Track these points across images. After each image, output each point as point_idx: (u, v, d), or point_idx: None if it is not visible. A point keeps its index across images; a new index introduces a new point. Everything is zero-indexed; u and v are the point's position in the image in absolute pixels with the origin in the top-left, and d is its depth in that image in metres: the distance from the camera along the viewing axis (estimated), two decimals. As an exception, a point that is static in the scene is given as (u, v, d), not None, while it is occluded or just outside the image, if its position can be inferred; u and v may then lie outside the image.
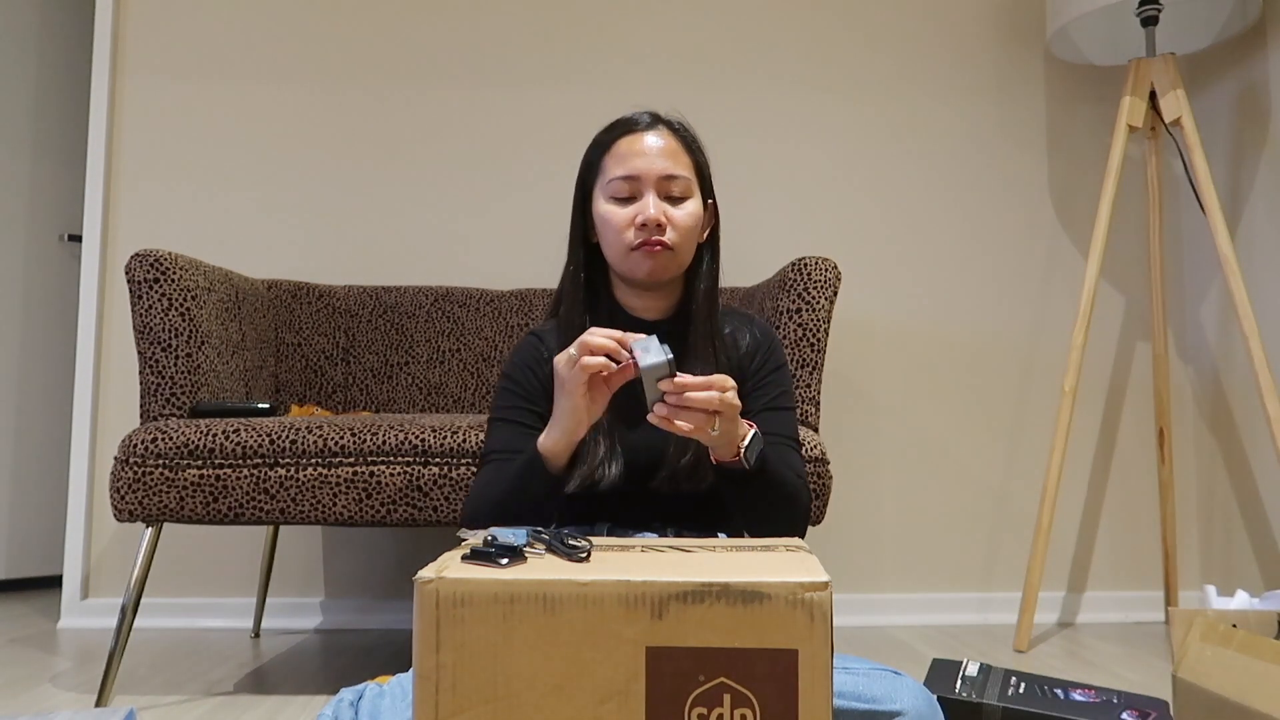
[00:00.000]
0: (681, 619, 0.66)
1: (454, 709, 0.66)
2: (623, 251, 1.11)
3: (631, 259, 1.11)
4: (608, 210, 1.12)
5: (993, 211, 2.37)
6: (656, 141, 1.12)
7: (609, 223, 1.11)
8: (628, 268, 1.12)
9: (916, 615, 2.25)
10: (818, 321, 1.63)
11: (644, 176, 1.10)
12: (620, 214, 1.11)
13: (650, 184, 1.10)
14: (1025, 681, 1.19)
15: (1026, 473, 2.32)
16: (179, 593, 2.18)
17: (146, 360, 1.62)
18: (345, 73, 2.31)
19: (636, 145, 1.11)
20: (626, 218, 1.10)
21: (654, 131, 1.13)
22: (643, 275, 1.12)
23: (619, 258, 1.12)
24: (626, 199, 1.11)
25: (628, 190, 1.10)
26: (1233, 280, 1.89)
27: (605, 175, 1.12)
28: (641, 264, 1.11)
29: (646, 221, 1.08)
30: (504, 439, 1.14)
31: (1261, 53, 2.16)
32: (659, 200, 1.10)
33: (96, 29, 2.27)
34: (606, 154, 1.13)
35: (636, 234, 1.09)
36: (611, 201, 1.12)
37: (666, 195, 1.11)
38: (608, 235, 1.12)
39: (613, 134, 1.14)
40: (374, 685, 0.94)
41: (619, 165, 1.11)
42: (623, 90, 2.34)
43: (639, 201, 1.10)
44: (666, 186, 1.11)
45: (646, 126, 1.13)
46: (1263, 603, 1.32)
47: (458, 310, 2.12)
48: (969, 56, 2.39)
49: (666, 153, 1.12)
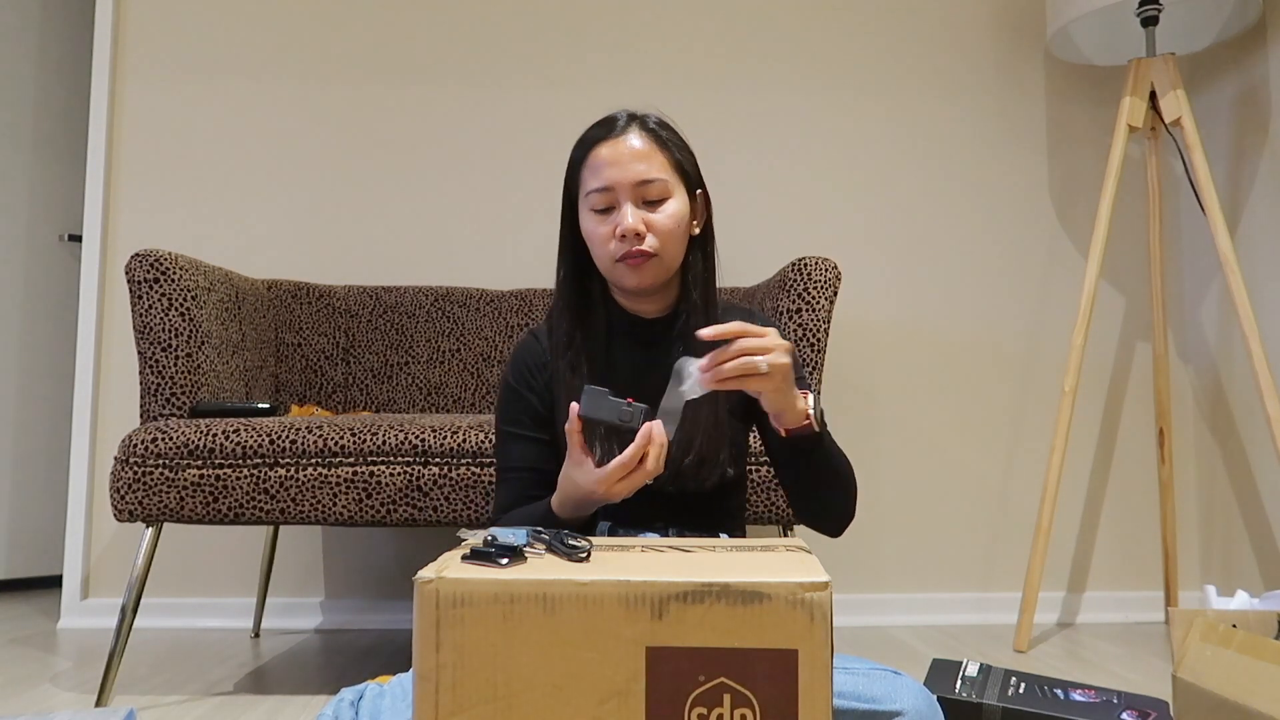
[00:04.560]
0: (681, 619, 0.66)
1: (454, 709, 0.66)
2: (608, 263, 1.11)
3: (618, 270, 1.11)
4: (589, 224, 1.11)
5: (993, 211, 2.36)
6: (628, 146, 1.10)
7: (592, 237, 1.11)
8: (615, 278, 1.13)
9: (916, 615, 2.25)
10: (818, 321, 1.63)
11: (618, 186, 1.09)
12: (601, 227, 1.10)
13: (626, 193, 1.09)
14: (1025, 681, 1.19)
15: (1026, 473, 2.32)
16: (179, 593, 2.18)
17: (146, 360, 1.62)
18: (346, 73, 2.31)
19: (609, 154, 1.10)
20: (607, 230, 1.10)
21: (626, 135, 1.11)
22: (631, 286, 1.12)
23: (606, 269, 1.13)
24: (606, 210, 1.10)
25: (605, 201, 1.10)
26: (1233, 280, 1.89)
27: (584, 187, 1.12)
28: (628, 275, 1.10)
29: (625, 233, 1.07)
30: (517, 454, 1.15)
31: (1261, 53, 2.16)
32: (636, 208, 1.09)
33: (96, 29, 2.27)
34: (583, 166, 1.12)
35: (618, 246, 1.09)
36: (592, 214, 1.11)
37: (644, 200, 1.09)
38: (594, 248, 1.12)
39: (586, 144, 1.13)
40: (374, 685, 0.94)
41: (594, 177, 1.10)
42: (623, 90, 2.34)
43: (617, 212, 1.09)
44: (642, 192, 1.09)
45: (620, 131, 1.11)
46: (1263, 603, 1.32)
47: (458, 310, 2.12)
48: (969, 57, 2.39)
49: (640, 156, 1.09)
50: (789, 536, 1.59)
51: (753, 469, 1.56)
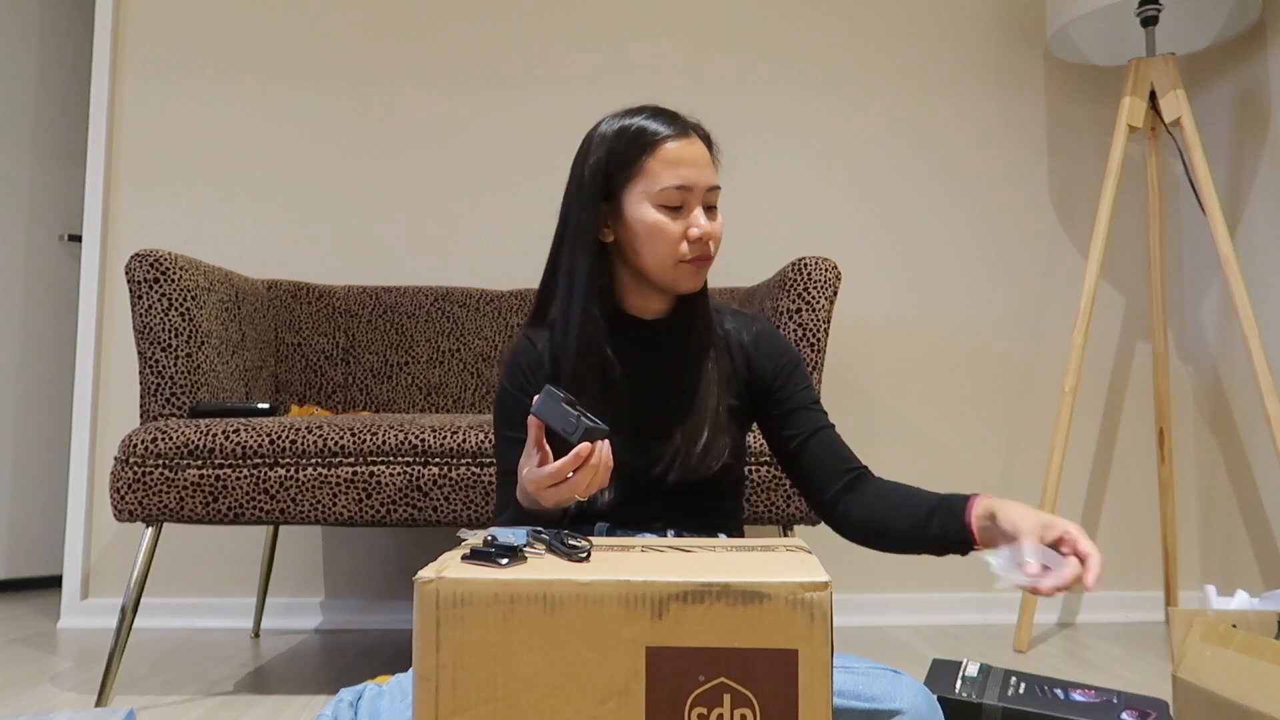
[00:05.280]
0: (681, 619, 0.66)
1: (454, 709, 0.66)
2: (669, 263, 1.08)
3: (680, 271, 1.09)
4: (657, 219, 1.07)
5: (993, 212, 2.37)
6: (700, 150, 1.09)
7: (659, 232, 1.07)
8: (671, 278, 1.09)
9: (916, 615, 2.25)
10: (818, 321, 1.63)
11: (695, 187, 1.07)
12: (672, 226, 1.07)
13: (699, 196, 1.08)
14: (1025, 681, 1.19)
15: (1026, 473, 2.32)
16: (179, 593, 2.18)
17: (146, 360, 1.62)
18: (346, 72, 2.31)
19: (687, 153, 1.07)
20: (678, 230, 1.07)
21: (694, 138, 1.09)
22: (687, 288, 1.10)
23: (661, 267, 1.09)
24: (676, 208, 1.07)
25: (679, 199, 1.07)
26: (1233, 280, 1.89)
27: (653, 179, 1.07)
28: (691, 278, 1.09)
29: (703, 236, 1.07)
30: (514, 457, 1.14)
31: (1261, 53, 2.16)
32: (703, 211, 1.08)
33: (96, 29, 2.27)
34: (650, 155, 1.07)
35: (690, 248, 1.07)
36: (660, 209, 1.07)
37: (708, 206, 1.09)
38: (653, 244, 1.08)
39: (652, 136, 1.08)
40: (373, 685, 0.94)
41: (670, 173, 1.06)
42: (623, 89, 2.34)
43: (686, 212, 1.08)
44: (709, 198, 1.09)
45: (688, 132, 1.09)
46: (1263, 603, 1.32)
47: (458, 310, 2.12)
48: (969, 56, 2.39)
49: (708, 161, 1.10)
50: (789, 536, 1.59)
51: (752, 469, 1.56)
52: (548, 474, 0.92)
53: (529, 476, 0.95)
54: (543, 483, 0.93)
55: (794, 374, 1.19)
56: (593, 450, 0.91)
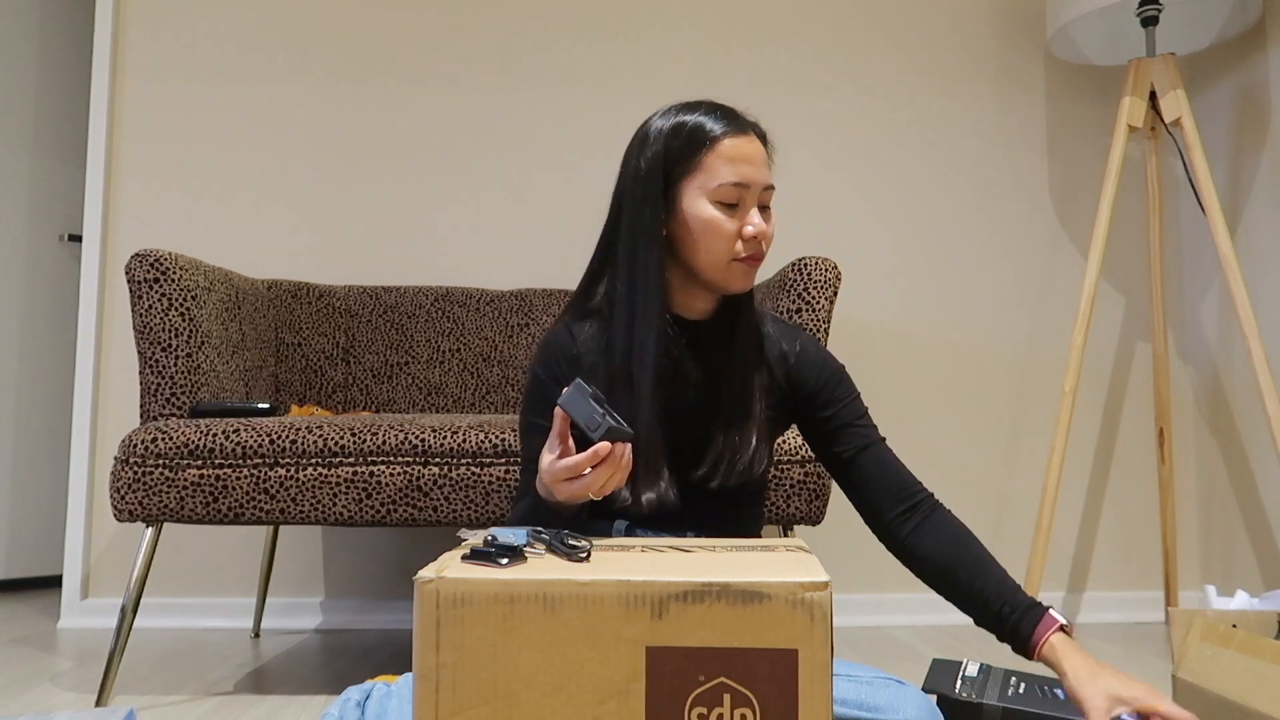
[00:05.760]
0: (681, 619, 0.66)
1: (454, 709, 0.66)
2: (723, 260, 1.07)
3: (732, 270, 1.07)
4: (714, 215, 1.05)
5: (993, 211, 2.37)
6: (759, 148, 1.08)
7: (715, 229, 1.06)
8: (722, 277, 1.08)
9: (916, 615, 2.25)
10: (818, 322, 1.63)
11: (753, 185, 1.06)
12: (729, 223, 1.06)
13: (756, 195, 1.07)
14: (1025, 681, 1.19)
15: (1026, 473, 2.32)
16: (179, 593, 2.18)
17: (146, 360, 1.62)
18: (346, 73, 2.31)
19: (747, 150, 1.06)
20: (734, 227, 1.06)
21: (751, 136, 1.08)
22: (738, 287, 1.09)
23: (715, 265, 1.07)
24: (733, 205, 1.06)
25: (736, 196, 1.05)
26: (1233, 280, 1.89)
27: (711, 175, 1.05)
28: (743, 277, 1.08)
29: (758, 235, 1.05)
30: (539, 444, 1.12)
31: (1261, 53, 2.16)
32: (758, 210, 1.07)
33: (96, 29, 2.27)
34: (709, 150, 1.05)
35: (745, 246, 1.06)
36: (717, 205, 1.05)
37: (762, 205, 1.08)
38: (708, 240, 1.06)
39: (710, 131, 1.06)
40: (381, 685, 0.93)
41: (730, 169, 1.05)
42: (624, 89, 2.34)
43: (742, 210, 1.06)
44: (765, 197, 1.08)
45: (747, 129, 1.08)
46: (1263, 603, 1.31)
47: (458, 310, 2.12)
48: (969, 56, 2.39)
49: (765, 161, 1.09)
50: (789, 536, 1.59)
51: (753, 469, 1.55)
52: (564, 467, 0.92)
53: (547, 467, 0.95)
54: (559, 475, 0.92)
55: (839, 387, 1.16)
56: (611, 450, 0.91)
